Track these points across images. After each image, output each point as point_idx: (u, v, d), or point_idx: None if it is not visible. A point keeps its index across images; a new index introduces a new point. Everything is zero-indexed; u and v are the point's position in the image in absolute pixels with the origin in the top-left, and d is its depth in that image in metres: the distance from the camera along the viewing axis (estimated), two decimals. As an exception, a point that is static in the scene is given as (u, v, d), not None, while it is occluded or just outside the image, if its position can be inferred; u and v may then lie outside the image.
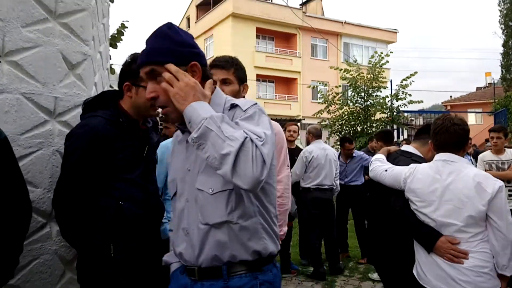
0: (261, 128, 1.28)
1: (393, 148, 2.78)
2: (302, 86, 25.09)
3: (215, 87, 1.44)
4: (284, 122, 18.20)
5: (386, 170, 2.35)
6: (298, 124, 19.97)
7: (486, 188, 1.91)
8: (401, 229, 2.27)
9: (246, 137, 1.18)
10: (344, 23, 27.51)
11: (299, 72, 26.69)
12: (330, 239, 4.97)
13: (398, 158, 2.50)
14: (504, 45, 17.81)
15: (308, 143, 4.99)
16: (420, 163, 2.30)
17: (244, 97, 2.18)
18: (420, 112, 19.47)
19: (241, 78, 2.12)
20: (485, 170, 4.20)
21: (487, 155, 4.62)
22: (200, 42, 28.18)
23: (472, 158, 7.17)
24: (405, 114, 21.60)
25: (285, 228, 2.18)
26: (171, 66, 1.29)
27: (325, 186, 4.80)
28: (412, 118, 24.71)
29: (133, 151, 1.69)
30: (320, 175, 4.75)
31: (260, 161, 1.17)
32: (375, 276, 4.69)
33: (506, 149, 4.52)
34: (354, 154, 5.75)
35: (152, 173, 1.82)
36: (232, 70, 2.07)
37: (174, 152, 1.52)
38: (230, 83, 2.06)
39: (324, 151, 4.80)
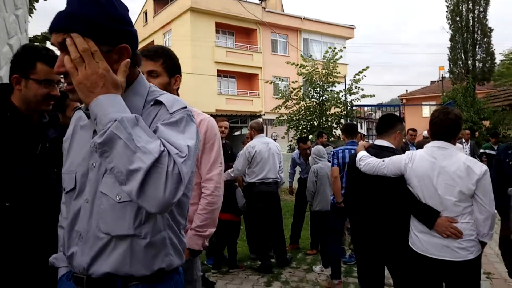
0: (184, 139, 1.09)
1: (366, 144, 3.04)
2: (263, 81, 25.20)
3: (139, 72, 1.25)
4: (246, 118, 18.12)
5: (383, 161, 2.68)
6: (261, 119, 19.80)
7: (475, 170, 2.31)
8: (395, 210, 2.65)
9: (163, 151, 1.00)
10: (303, 19, 27.82)
11: (260, 68, 26.78)
12: (276, 231, 5.02)
13: (381, 154, 2.79)
14: (451, 40, 18.60)
15: (251, 138, 5.00)
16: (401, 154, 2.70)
17: (176, 90, 2.08)
18: (379, 106, 20.20)
19: (172, 69, 1.99)
20: None
21: None
22: (158, 37, 27.66)
23: (416, 148, 7.39)
24: (365, 108, 22.29)
25: (213, 229, 2.07)
26: (78, 39, 1.05)
27: (270, 179, 4.84)
28: (371, 112, 25.53)
29: (23, 149, 1.61)
30: (264, 169, 4.78)
31: (176, 181, 1.00)
32: (317, 269, 4.79)
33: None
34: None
35: (51, 171, 1.72)
36: (160, 61, 1.94)
37: (74, 137, 1.28)
38: (157, 75, 1.94)
39: (266, 145, 4.83)
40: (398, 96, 32.35)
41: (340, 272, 4.35)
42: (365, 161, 2.79)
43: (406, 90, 33.09)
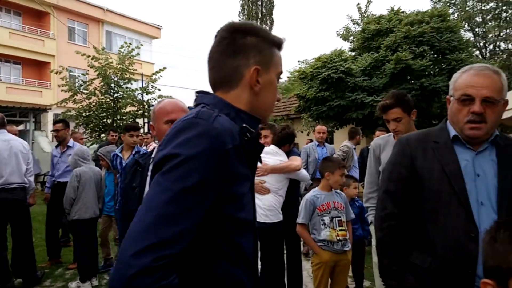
0: None
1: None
2: (54, 71, 22.33)
3: None
4: (27, 111, 15.53)
5: None
6: (48, 113, 17.27)
7: None
8: None
9: None
10: (106, 10, 26.00)
11: (53, 56, 23.67)
12: (23, 246, 4.20)
13: None
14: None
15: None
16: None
17: None
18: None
19: None
20: None
21: None
22: None
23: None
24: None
25: None
26: None
27: (13, 185, 3.99)
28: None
29: None
30: (4, 173, 3.91)
31: None
32: (73, 285, 4.21)
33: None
34: (69, 144, 5.22)
35: None
36: None
37: None
38: None
39: (7, 143, 3.95)
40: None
41: None
42: None
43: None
